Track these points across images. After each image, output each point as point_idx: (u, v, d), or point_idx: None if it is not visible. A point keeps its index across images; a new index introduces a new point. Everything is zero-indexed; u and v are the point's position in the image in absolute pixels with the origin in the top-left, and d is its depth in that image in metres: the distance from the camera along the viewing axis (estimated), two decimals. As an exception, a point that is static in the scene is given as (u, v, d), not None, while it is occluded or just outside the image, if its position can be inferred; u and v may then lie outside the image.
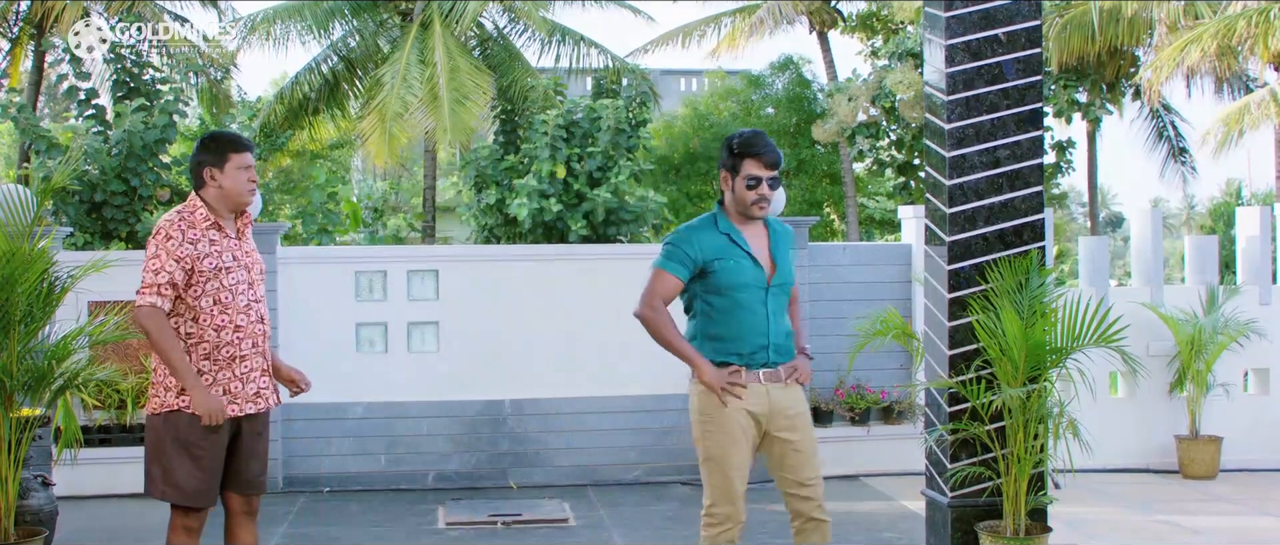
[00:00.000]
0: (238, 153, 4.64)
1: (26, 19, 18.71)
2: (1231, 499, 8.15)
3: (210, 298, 4.55)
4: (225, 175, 4.62)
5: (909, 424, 9.06)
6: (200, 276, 4.53)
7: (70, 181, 10.16)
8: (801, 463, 4.58)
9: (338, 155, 24.51)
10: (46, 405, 6.25)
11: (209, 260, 4.55)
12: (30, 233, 5.92)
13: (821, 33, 24.10)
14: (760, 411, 4.55)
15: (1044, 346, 5.48)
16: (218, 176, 4.62)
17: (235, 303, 4.59)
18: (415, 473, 8.72)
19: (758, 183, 4.53)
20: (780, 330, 4.61)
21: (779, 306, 4.62)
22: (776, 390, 4.58)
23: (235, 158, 4.63)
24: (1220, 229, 25.91)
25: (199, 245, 4.54)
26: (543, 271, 9.09)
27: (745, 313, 4.56)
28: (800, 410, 4.64)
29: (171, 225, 4.55)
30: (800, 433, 4.60)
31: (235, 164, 4.63)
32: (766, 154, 4.54)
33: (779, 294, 4.63)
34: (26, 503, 6.28)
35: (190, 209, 4.61)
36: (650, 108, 13.78)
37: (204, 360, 4.56)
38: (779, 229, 4.74)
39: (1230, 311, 9.04)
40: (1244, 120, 17.48)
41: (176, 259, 4.50)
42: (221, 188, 4.62)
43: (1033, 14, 5.73)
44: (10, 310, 5.77)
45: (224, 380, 4.59)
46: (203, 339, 4.56)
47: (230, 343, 4.59)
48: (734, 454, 4.52)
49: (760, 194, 4.54)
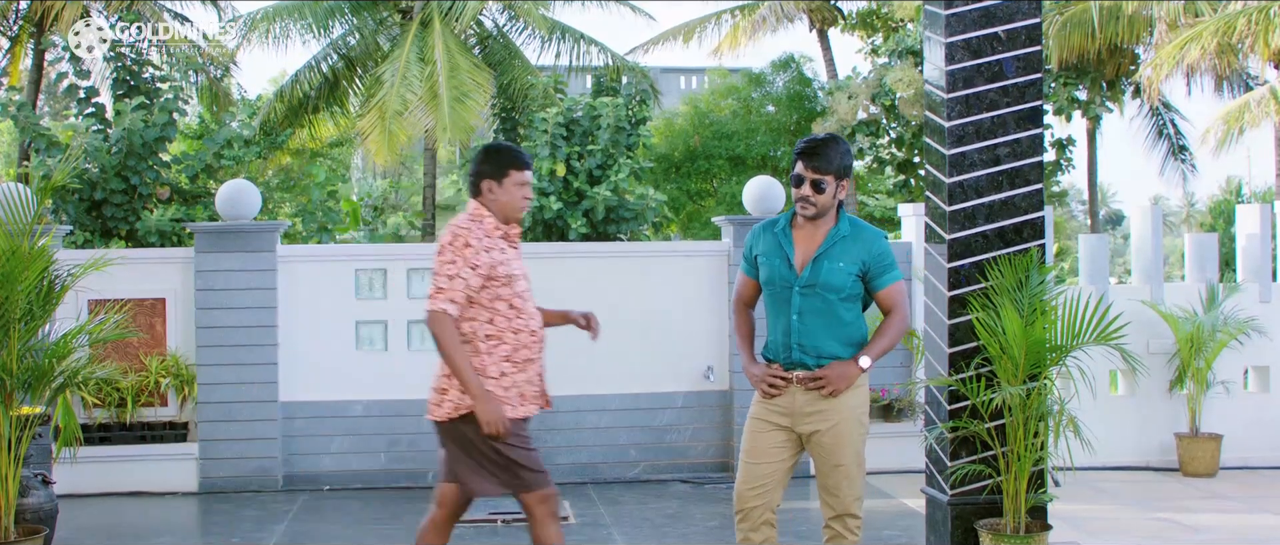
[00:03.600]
0: (517, 170, 4.67)
1: (26, 17, 18.70)
2: (1231, 497, 8.15)
3: (505, 302, 4.61)
4: (503, 189, 4.65)
5: (909, 422, 9.06)
6: (495, 282, 4.59)
7: (70, 180, 10.18)
8: (823, 471, 4.62)
9: (337, 153, 24.49)
10: (46, 403, 6.26)
11: (503, 267, 4.61)
12: (30, 231, 5.93)
13: (821, 31, 24.10)
14: (784, 410, 4.61)
15: (1044, 344, 5.48)
16: (495, 189, 4.65)
17: (526, 308, 4.68)
18: (416, 470, 8.72)
19: (800, 182, 4.60)
20: (810, 331, 4.57)
21: (813, 308, 4.57)
22: (799, 392, 4.59)
23: (515, 174, 4.66)
24: (1220, 226, 25.90)
25: (493, 252, 4.59)
26: (542, 269, 9.03)
27: (774, 311, 4.67)
28: (825, 416, 4.56)
29: (469, 233, 4.57)
30: (825, 440, 4.57)
31: (514, 180, 4.66)
32: (810, 157, 4.57)
33: (812, 296, 4.57)
34: (26, 501, 6.28)
35: (480, 215, 4.65)
36: (650, 106, 13.79)
37: (504, 361, 4.64)
38: (850, 233, 4.63)
39: (1230, 309, 9.04)
40: (1244, 118, 17.48)
41: (473, 266, 4.54)
42: (497, 200, 4.66)
43: (1032, 11, 5.73)
44: (10, 308, 5.77)
45: (520, 383, 4.69)
46: (503, 341, 4.63)
47: (526, 346, 4.68)
48: (748, 445, 4.67)
49: (801, 194, 4.60)
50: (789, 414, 4.60)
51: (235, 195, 8.69)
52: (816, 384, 4.54)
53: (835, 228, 4.63)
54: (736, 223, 8.98)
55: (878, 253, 4.62)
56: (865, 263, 4.59)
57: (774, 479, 4.62)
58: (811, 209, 4.59)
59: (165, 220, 10.61)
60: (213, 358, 8.48)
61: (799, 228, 4.68)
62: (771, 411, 4.64)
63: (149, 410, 8.60)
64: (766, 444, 4.63)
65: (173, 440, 8.54)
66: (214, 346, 8.48)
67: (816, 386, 4.54)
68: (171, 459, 8.48)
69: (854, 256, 4.58)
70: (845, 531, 4.61)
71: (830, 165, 4.56)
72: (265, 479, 8.52)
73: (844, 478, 4.57)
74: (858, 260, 4.59)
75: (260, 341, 8.53)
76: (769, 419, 4.64)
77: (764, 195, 8.93)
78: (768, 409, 4.65)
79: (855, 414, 4.60)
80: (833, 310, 4.58)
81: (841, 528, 4.61)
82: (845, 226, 4.63)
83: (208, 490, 8.46)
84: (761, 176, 9.40)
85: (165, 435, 8.52)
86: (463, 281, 4.51)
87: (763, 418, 4.65)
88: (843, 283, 4.57)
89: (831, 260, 4.58)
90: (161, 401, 8.63)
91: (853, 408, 4.59)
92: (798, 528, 6.85)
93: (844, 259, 4.56)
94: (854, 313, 4.64)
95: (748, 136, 23.42)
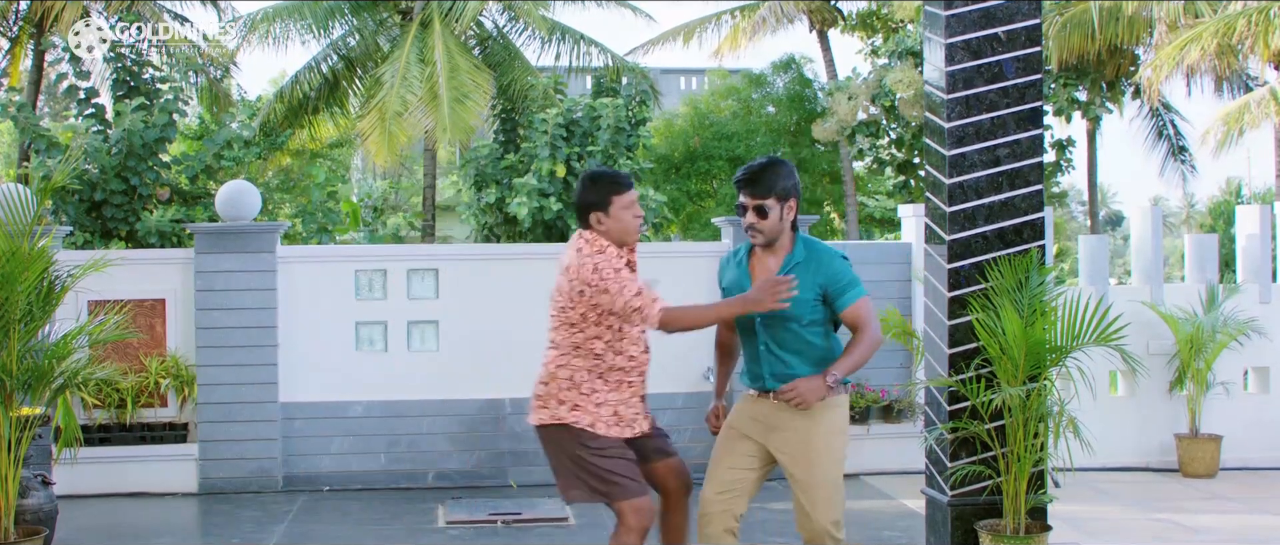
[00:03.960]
0: (619, 194, 4.63)
1: (26, 18, 18.69)
2: (1231, 497, 8.14)
3: (615, 327, 4.61)
4: (611, 218, 4.62)
5: (909, 423, 9.06)
6: None
7: (70, 180, 10.18)
8: (795, 491, 4.57)
9: (337, 154, 24.48)
10: (46, 404, 6.26)
11: None
12: (30, 232, 5.93)
13: (821, 31, 24.08)
14: (757, 419, 4.62)
15: (1044, 345, 5.48)
16: (604, 220, 4.62)
17: (631, 333, 4.66)
18: (415, 471, 8.72)
19: (743, 211, 4.57)
20: (781, 359, 4.54)
21: (780, 337, 4.53)
22: (767, 408, 4.59)
23: (617, 199, 4.62)
24: (1220, 227, 25.92)
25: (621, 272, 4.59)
26: (542, 270, 9.02)
27: (744, 341, 4.68)
28: (796, 433, 4.51)
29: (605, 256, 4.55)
30: (792, 456, 4.52)
31: (619, 205, 4.62)
32: (749, 185, 4.52)
33: (775, 325, 4.52)
34: (26, 502, 6.28)
35: (602, 245, 4.61)
36: (650, 106, 13.79)
37: (598, 380, 4.62)
38: (805, 258, 4.55)
39: (1230, 310, 9.04)
40: (1244, 119, 17.47)
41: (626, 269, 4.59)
42: (609, 229, 4.63)
43: (1032, 12, 5.73)
44: (10, 309, 5.77)
45: (614, 402, 4.65)
46: (602, 360, 4.62)
47: (623, 369, 4.66)
48: (717, 451, 4.70)
49: (748, 223, 4.56)
50: (761, 425, 4.60)
51: (235, 196, 8.69)
52: (786, 397, 4.44)
53: (790, 254, 4.57)
54: (736, 224, 8.98)
55: (834, 273, 4.52)
56: (822, 286, 4.51)
57: (739, 487, 4.59)
58: (760, 236, 4.55)
59: (165, 221, 10.61)
60: (212, 359, 8.48)
61: (757, 257, 4.65)
62: (744, 420, 4.65)
63: (149, 411, 8.59)
64: (737, 450, 4.62)
65: (172, 441, 8.54)
66: (214, 347, 8.48)
67: (785, 399, 4.45)
68: (171, 460, 8.47)
69: (810, 282, 4.50)
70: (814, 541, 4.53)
71: (769, 189, 4.50)
72: (265, 480, 8.52)
73: (818, 499, 4.48)
74: (814, 285, 4.51)
75: (260, 342, 8.53)
76: (741, 428, 4.65)
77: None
78: (741, 418, 4.66)
79: (826, 436, 4.51)
80: (800, 337, 4.54)
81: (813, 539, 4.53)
82: (799, 252, 4.56)
83: (207, 491, 8.46)
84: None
85: (165, 436, 8.52)
86: (635, 283, 4.53)
87: (735, 425, 4.68)
88: (802, 310, 4.49)
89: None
90: (161, 402, 8.63)
91: (825, 428, 4.51)
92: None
93: (800, 286, 4.43)
94: (822, 335, 4.57)
95: (748, 137, 23.40)
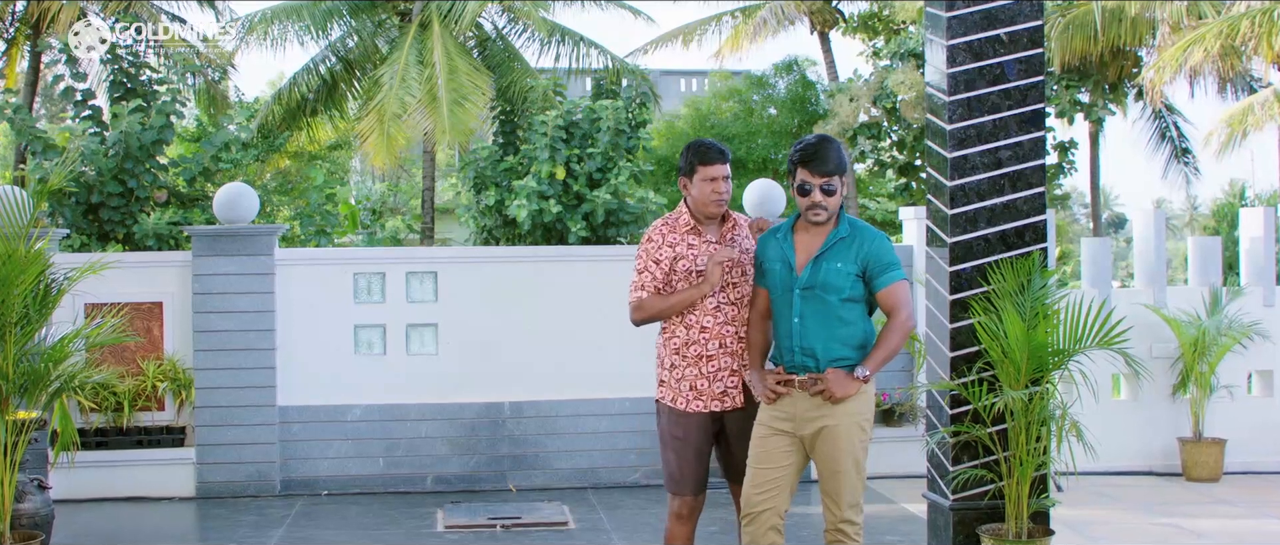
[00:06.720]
0: (706, 165, 4.82)
1: (22, 20, 18.67)
2: (1235, 502, 8.11)
3: None
4: (693, 186, 4.84)
5: (910, 426, 9.03)
6: (676, 276, 4.82)
7: (67, 183, 10.13)
8: (823, 476, 4.66)
9: (336, 156, 24.47)
10: (43, 408, 6.23)
11: (684, 262, 4.81)
12: (26, 234, 5.90)
13: (823, 33, 24.06)
14: (788, 414, 4.64)
15: (1046, 348, 5.45)
16: (688, 186, 4.87)
17: (703, 304, 4.79)
18: (414, 475, 8.68)
19: (807, 190, 4.61)
20: (811, 333, 4.58)
21: (814, 310, 4.58)
22: (801, 396, 4.62)
23: (702, 170, 4.82)
24: (1223, 230, 25.84)
25: (677, 247, 4.83)
26: (542, 273, 9.05)
27: (778, 315, 4.71)
28: (826, 419, 4.57)
29: (654, 230, 4.90)
30: (824, 443, 4.59)
31: (702, 175, 4.82)
32: (815, 162, 4.58)
33: (812, 298, 4.58)
34: (22, 506, 6.25)
35: (677, 214, 4.93)
36: (650, 108, 13.75)
37: (674, 355, 4.84)
38: (849, 234, 4.64)
39: (1234, 313, 9.00)
40: (1247, 121, 17.46)
41: (655, 261, 4.82)
42: (692, 197, 4.86)
43: (1035, 14, 5.70)
44: (6, 312, 5.74)
45: (691, 377, 4.82)
46: (674, 334, 4.84)
47: (697, 341, 4.81)
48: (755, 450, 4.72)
49: (811, 202, 4.61)
50: (792, 418, 4.64)
51: (233, 198, 8.65)
52: (816, 389, 4.56)
53: (835, 230, 4.66)
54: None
55: (877, 252, 4.62)
56: (863, 262, 4.60)
57: (781, 483, 4.66)
58: (824, 214, 4.62)
59: (162, 223, 10.57)
60: (210, 362, 8.44)
61: (801, 231, 4.71)
62: (775, 417, 4.67)
63: (146, 415, 8.56)
64: (772, 448, 4.66)
65: (170, 445, 8.50)
66: (211, 350, 8.45)
67: (816, 391, 4.56)
68: (168, 464, 8.43)
69: (852, 257, 4.60)
70: (843, 537, 4.64)
71: (835, 166, 4.60)
72: (263, 484, 8.48)
73: (842, 483, 4.60)
74: (856, 260, 4.60)
75: (258, 346, 8.49)
76: (774, 424, 4.67)
77: (765, 198, 8.88)
78: (772, 414, 4.68)
79: (856, 419, 4.61)
80: (834, 312, 4.59)
81: (840, 534, 4.64)
82: (844, 228, 4.66)
83: (205, 495, 8.42)
84: (762, 179, 9.37)
85: (162, 440, 8.48)
86: (649, 275, 4.81)
87: (768, 423, 4.69)
88: (842, 283, 4.59)
89: (830, 261, 4.60)
90: (159, 406, 8.59)
91: (854, 413, 4.60)
92: (800, 533, 6.81)
93: (842, 259, 4.59)
94: (856, 314, 4.65)
95: (749, 139, 23.39)
